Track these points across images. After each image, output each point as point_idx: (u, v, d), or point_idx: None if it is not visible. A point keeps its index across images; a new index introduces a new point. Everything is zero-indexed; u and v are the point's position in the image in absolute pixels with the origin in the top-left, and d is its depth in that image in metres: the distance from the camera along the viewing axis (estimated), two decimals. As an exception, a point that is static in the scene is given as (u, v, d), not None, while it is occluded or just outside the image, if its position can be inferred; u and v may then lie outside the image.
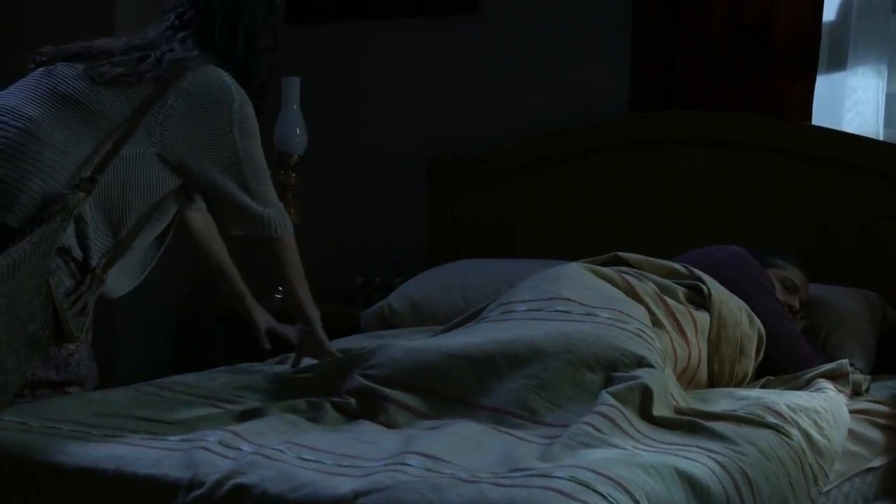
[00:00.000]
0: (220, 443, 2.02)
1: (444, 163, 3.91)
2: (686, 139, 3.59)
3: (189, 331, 4.35)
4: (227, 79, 2.59)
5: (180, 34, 2.62)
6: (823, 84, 3.52)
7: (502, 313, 2.56)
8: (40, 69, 2.57)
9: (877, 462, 2.68)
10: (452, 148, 3.91)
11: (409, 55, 4.13)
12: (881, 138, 3.47)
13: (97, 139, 2.47)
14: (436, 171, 3.93)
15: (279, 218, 2.66)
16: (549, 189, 3.80)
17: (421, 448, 1.98)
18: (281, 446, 2.00)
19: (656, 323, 2.60)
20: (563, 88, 3.87)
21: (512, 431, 2.17)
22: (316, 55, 4.07)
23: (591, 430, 2.06)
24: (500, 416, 2.24)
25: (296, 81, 3.83)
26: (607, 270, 2.72)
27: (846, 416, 2.58)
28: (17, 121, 2.45)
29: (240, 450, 2.00)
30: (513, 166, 3.86)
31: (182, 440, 2.06)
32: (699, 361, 2.67)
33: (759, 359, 2.82)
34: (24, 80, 2.57)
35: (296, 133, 3.80)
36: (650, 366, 2.31)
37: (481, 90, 3.99)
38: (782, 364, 2.86)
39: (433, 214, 3.92)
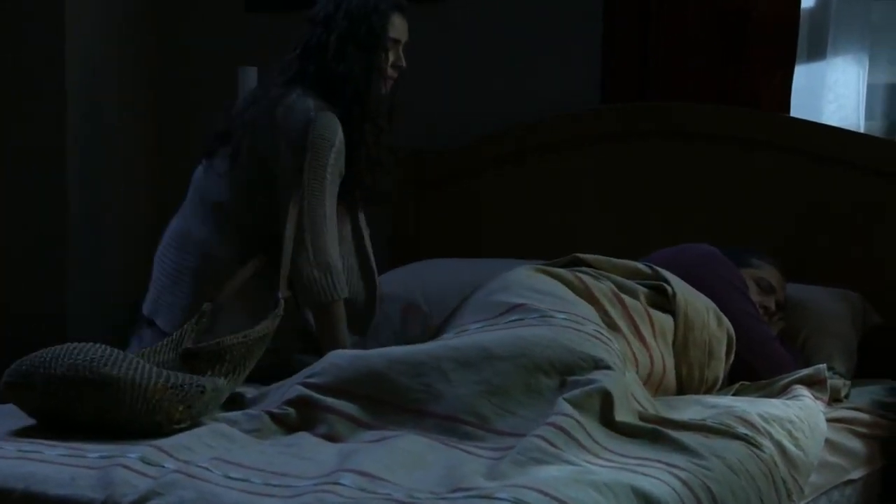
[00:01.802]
0: (142, 459, 1.89)
1: (407, 157, 3.76)
2: (660, 131, 3.47)
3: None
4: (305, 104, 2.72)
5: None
6: (802, 74, 3.41)
7: (457, 333, 2.45)
8: None
9: (856, 474, 2.59)
10: (416, 142, 3.77)
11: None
12: (862, 130, 3.36)
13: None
14: (398, 167, 3.78)
15: (323, 280, 2.65)
16: (518, 184, 3.67)
17: (358, 465, 1.87)
18: (207, 463, 1.88)
19: (611, 326, 2.49)
20: (531, 79, 3.74)
21: (460, 445, 2.07)
22: (274, 44, 3.91)
23: (543, 444, 1.95)
24: (448, 424, 2.13)
25: (252, 71, 3.67)
26: (561, 271, 2.61)
27: (823, 425, 2.47)
28: None
29: (162, 467, 1.88)
30: (479, 161, 3.72)
31: (101, 456, 1.93)
32: (664, 367, 2.56)
33: (730, 361, 2.71)
34: None
35: (253, 126, 3.64)
36: (608, 368, 2.20)
37: (446, 82, 3.85)
38: (756, 369, 2.75)
39: (395, 212, 3.78)
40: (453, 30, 3.85)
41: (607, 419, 2.08)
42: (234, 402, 2.33)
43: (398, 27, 2.84)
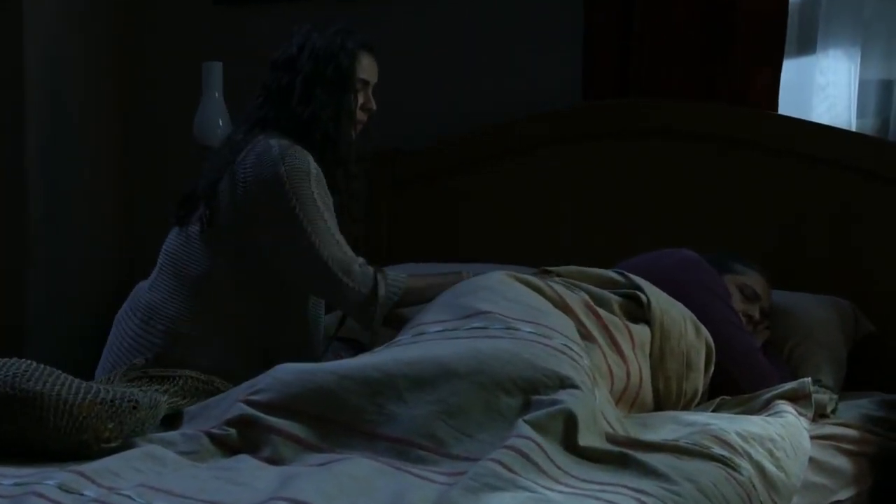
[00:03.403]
0: (60, 486, 1.75)
1: (382, 157, 3.64)
2: (642, 130, 3.39)
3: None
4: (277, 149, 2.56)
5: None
6: (792, 70, 3.31)
7: (414, 336, 2.30)
8: None
9: (844, 494, 2.45)
10: (391, 140, 3.65)
11: (344, 40, 3.85)
12: (853, 129, 3.25)
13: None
14: (372, 166, 3.64)
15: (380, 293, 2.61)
16: (496, 185, 3.57)
17: (294, 492, 1.72)
18: (131, 491, 1.75)
19: (587, 336, 2.35)
20: (510, 76, 3.64)
21: (411, 469, 1.92)
22: (240, 38, 3.81)
23: (499, 468, 1.80)
24: (401, 448, 1.99)
25: (218, 66, 3.58)
26: (534, 279, 2.47)
27: (806, 443, 2.35)
28: None
29: (81, 495, 1.73)
30: (457, 160, 3.62)
31: (15, 483, 1.77)
32: (640, 380, 2.43)
33: (710, 373, 2.59)
34: None
35: (217, 124, 3.54)
36: (575, 387, 2.04)
37: (423, 78, 3.75)
38: (739, 381, 2.63)
39: (369, 213, 3.63)
40: (432, 26, 3.77)
41: (571, 443, 1.95)
42: (175, 419, 2.19)
43: (367, 68, 2.71)
